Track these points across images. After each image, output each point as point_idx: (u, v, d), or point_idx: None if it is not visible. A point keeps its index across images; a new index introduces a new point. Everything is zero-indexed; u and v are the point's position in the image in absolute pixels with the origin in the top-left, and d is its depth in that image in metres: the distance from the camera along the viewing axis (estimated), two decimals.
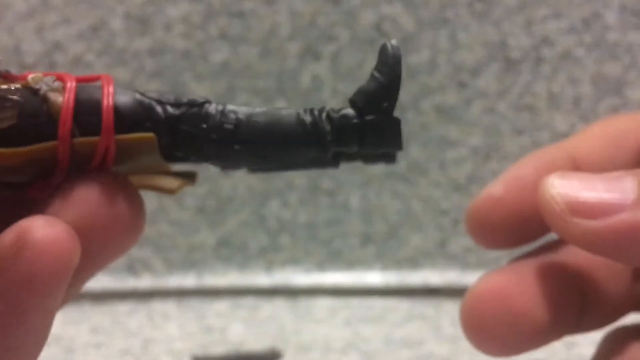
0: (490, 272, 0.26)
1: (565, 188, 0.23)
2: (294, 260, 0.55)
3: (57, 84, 0.21)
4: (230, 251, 0.56)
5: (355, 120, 0.22)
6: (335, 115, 0.22)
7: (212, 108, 0.21)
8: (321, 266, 0.55)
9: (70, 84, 0.21)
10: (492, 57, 0.54)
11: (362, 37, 0.54)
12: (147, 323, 0.52)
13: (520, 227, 0.27)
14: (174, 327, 0.51)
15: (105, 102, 0.21)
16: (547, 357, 0.40)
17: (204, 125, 0.21)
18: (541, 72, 0.54)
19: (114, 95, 0.21)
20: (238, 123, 0.21)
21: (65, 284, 0.19)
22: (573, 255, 0.26)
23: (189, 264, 0.56)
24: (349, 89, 0.54)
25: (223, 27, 0.54)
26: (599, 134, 0.27)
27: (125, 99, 0.21)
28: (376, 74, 0.22)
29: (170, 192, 0.24)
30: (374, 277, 0.55)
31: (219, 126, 0.21)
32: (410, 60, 0.54)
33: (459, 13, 0.53)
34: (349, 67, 0.54)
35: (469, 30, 0.53)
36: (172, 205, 0.55)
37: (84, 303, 0.54)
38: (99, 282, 0.54)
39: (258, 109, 0.22)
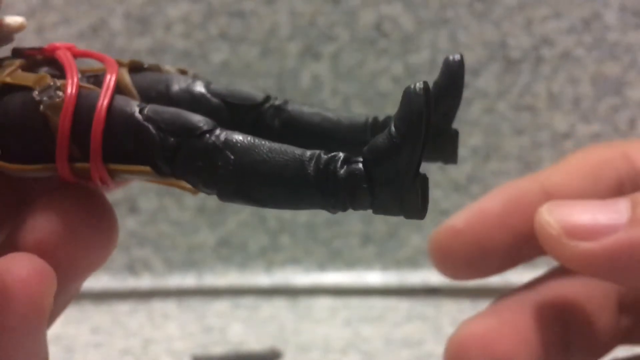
0: (472, 318, 0.25)
1: (560, 212, 0.23)
2: (294, 260, 0.55)
3: (59, 95, 0.20)
4: (230, 251, 0.56)
5: (364, 185, 0.18)
6: (342, 174, 0.18)
7: (211, 140, 0.19)
8: (321, 266, 0.55)
9: (69, 99, 0.20)
10: (492, 57, 0.53)
11: (362, 37, 0.54)
12: (147, 323, 0.52)
13: (482, 260, 0.26)
14: (174, 327, 0.51)
15: (93, 135, 0.20)
16: None
17: (199, 164, 0.19)
18: (541, 72, 0.54)
19: (105, 118, 0.20)
20: (233, 169, 0.19)
21: (43, 324, 0.19)
22: (556, 293, 0.26)
23: (189, 263, 0.56)
24: (349, 89, 0.54)
25: (223, 27, 0.54)
26: (575, 166, 0.27)
27: (122, 119, 0.20)
28: (392, 129, 0.18)
29: (192, 191, 0.23)
30: (374, 277, 0.55)
31: (212, 167, 0.19)
32: (410, 60, 0.54)
33: (459, 13, 0.53)
34: (349, 67, 0.54)
35: (469, 30, 0.53)
36: (172, 205, 0.55)
37: (84, 303, 0.54)
38: (99, 282, 0.54)
39: (262, 145, 0.19)
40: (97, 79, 0.22)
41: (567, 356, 0.25)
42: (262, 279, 0.55)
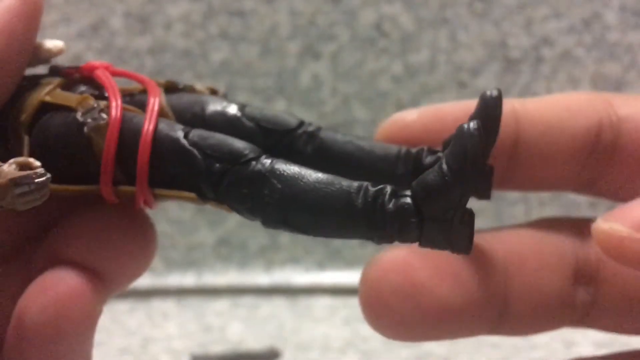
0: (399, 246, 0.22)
1: (620, 214, 0.20)
2: (293, 260, 0.55)
3: (103, 117, 0.20)
4: (230, 250, 0.56)
5: (413, 220, 0.18)
6: (391, 208, 0.19)
7: (257, 168, 0.19)
8: (321, 265, 0.55)
9: (114, 122, 0.20)
10: (492, 57, 0.54)
11: (362, 36, 0.54)
12: (147, 322, 0.52)
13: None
14: (173, 326, 0.51)
15: (139, 160, 0.20)
16: (546, 356, 0.40)
17: (245, 191, 0.19)
18: (541, 72, 0.54)
19: (151, 142, 0.20)
20: (279, 198, 0.19)
21: (93, 332, 0.20)
22: (498, 240, 0.23)
23: (189, 262, 0.56)
24: (349, 88, 0.54)
25: (223, 26, 0.54)
26: (553, 99, 0.25)
27: (167, 144, 0.20)
28: (443, 166, 0.18)
29: (226, 210, 0.22)
30: None
31: (258, 195, 0.19)
32: (410, 60, 0.54)
33: (459, 13, 0.53)
34: (349, 66, 0.54)
35: (469, 30, 0.53)
36: (171, 205, 0.55)
37: None
38: None
39: (309, 175, 0.19)
40: (132, 99, 0.22)
41: (505, 313, 0.22)
42: (262, 278, 0.55)
